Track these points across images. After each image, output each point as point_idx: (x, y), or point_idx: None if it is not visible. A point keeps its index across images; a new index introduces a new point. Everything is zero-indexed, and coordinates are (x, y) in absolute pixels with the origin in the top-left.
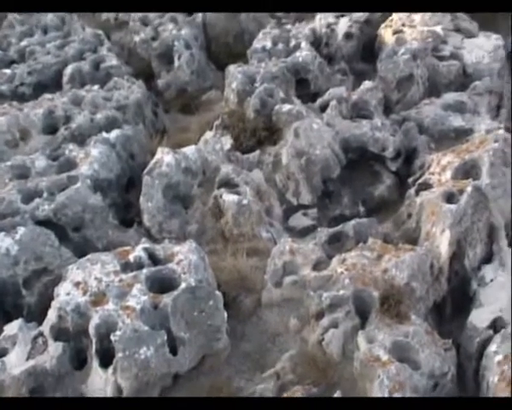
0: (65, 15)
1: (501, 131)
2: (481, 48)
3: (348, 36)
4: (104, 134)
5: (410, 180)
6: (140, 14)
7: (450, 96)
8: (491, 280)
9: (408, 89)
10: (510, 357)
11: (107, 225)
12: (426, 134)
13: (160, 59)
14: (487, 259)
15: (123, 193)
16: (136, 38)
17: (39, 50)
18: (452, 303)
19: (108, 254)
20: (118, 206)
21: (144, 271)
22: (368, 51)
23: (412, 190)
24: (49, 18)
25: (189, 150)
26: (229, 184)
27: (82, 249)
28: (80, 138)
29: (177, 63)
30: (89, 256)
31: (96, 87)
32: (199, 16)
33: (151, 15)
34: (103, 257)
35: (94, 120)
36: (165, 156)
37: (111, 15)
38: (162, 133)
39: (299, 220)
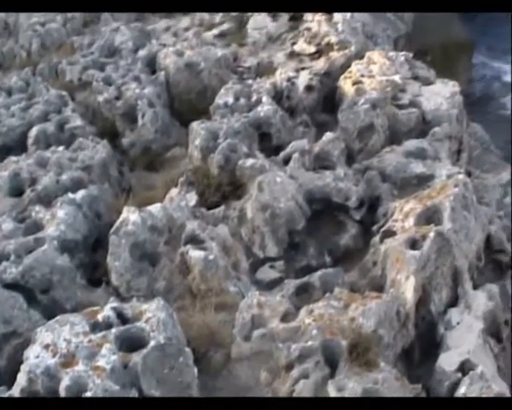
0: (29, 77)
1: (461, 176)
2: (439, 94)
3: (309, 88)
4: (70, 195)
5: (375, 228)
6: (103, 74)
7: (410, 144)
8: (458, 323)
9: (369, 138)
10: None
11: (75, 286)
12: (388, 182)
13: (124, 118)
14: (453, 302)
15: (90, 253)
16: (100, 98)
17: (4, 113)
18: (420, 348)
19: (77, 315)
20: (85, 266)
21: (113, 330)
22: (329, 103)
23: (377, 238)
24: (13, 80)
25: (155, 208)
26: (195, 241)
27: (51, 311)
28: (46, 200)
29: (140, 122)
30: (57, 318)
31: (60, 148)
32: (161, 75)
33: (114, 75)
34: (72, 318)
35: (59, 181)
36: (130, 215)
37: (75, 76)
38: (128, 192)
39: (267, 273)
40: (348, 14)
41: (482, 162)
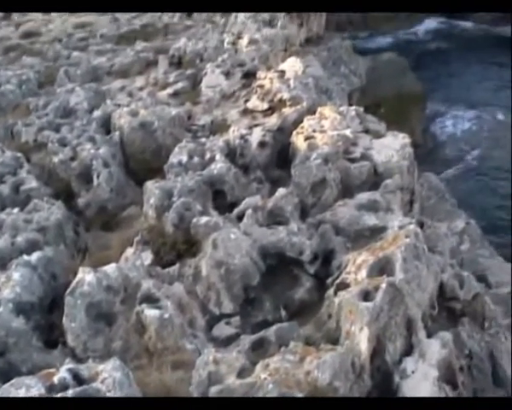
0: None
1: (412, 227)
2: (389, 147)
3: (262, 145)
4: (25, 257)
5: (329, 281)
6: (58, 136)
7: (363, 196)
8: (413, 372)
9: (322, 192)
10: None
11: (31, 348)
12: (342, 235)
13: (80, 178)
14: (407, 351)
15: (46, 315)
16: (55, 159)
17: None
18: None
19: (33, 377)
20: (41, 328)
21: (69, 391)
22: (282, 158)
23: (331, 291)
24: None
25: (110, 268)
26: (151, 299)
27: (6, 374)
28: (1, 262)
29: (96, 182)
30: (12, 381)
31: (15, 210)
32: (116, 135)
33: (69, 136)
34: (27, 381)
35: (15, 243)
36: (86, 276)
37: (30, 138)
38: (84, 252)
39: (223, 329)
40: (300, 71)
41: (437, 211)
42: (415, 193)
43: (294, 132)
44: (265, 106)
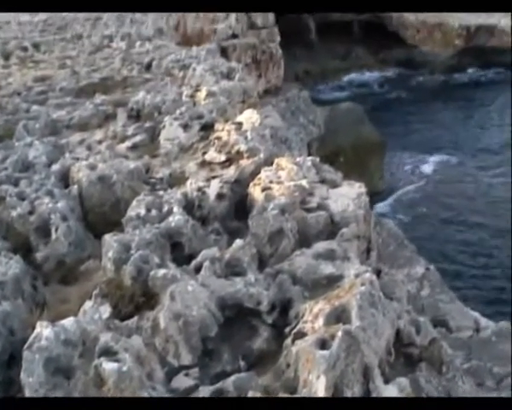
0: None
1: (368, 275)
2: (346, 196)
3: (220, 197)
4: None
5: (287, 330)
6: (16, 190)
7: (320, 245)
8: None
9: (279, 242)
10: None
11: None
12: (299, 284)
13: (38, 232)
14: None
15: (4, 370)
16: (13, 213)
17: None
18: None
19: None
20: None
21: None
22: (240, 210)
23: (289, 341)
24: None
25: (68, 322)
26: (109, 353)
27: None
28: None
29: (54, 236)
30: None
31: None
32: (74, 188)
33: (28, 190)
34: None
35: None
36: (44, 330)
37: None
38: (42, 306)
39: (182, 381)
40: (257, 122)
41: (397, 257)
42: (371, 241)
43: (252, 184)
44: (223, 158)
